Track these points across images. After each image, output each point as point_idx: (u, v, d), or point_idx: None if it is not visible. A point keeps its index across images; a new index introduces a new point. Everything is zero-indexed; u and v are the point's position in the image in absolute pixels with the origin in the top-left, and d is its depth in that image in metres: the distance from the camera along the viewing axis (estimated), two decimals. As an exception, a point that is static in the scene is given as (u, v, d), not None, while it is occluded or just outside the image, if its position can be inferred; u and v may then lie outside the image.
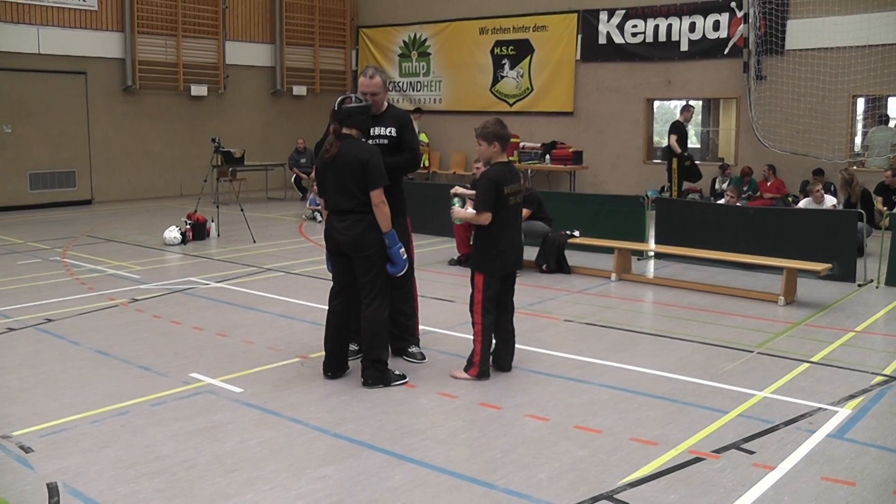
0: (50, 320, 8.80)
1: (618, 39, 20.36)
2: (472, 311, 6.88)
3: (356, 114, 6.55)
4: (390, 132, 7.07)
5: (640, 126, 20.49)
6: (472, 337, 6.89)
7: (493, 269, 6.78)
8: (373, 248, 6.55)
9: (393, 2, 24.44)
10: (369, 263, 6.57)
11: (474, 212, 6.82)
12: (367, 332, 6.61)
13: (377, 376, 6.63)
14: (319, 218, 16.53)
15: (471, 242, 7.37)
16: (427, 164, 21.62)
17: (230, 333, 8.29)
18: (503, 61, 22.44)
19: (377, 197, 6.50)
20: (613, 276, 11.12)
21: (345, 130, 6.53)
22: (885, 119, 17.79)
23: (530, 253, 11.62)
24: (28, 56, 18.75)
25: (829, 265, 10.00)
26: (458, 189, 10.43)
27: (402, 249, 6.69)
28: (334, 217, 6.60)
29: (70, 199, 19.66)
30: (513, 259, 6.85)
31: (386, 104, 7.21)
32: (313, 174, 7.37)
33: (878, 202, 14.73)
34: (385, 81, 7.12)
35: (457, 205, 6.88)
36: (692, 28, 19.27)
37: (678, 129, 17.50)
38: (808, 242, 10.88)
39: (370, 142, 6.85)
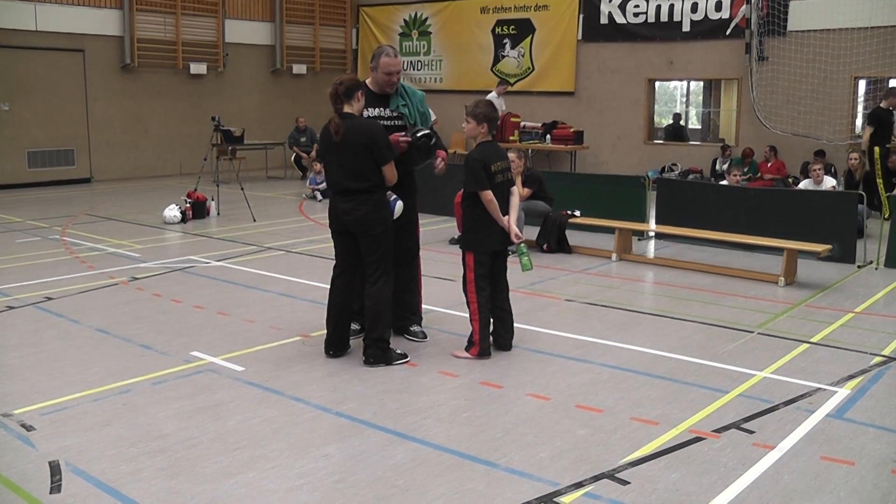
0: (50, 299, 8.80)
1: (619, 19, 20.28)
2: (465, 290, 6.89)
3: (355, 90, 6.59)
4: (398, 114, 7.09)
5: (641, 106, 20.44)
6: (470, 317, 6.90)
7: (483, 247, 6.78)
8: (379, 227, 6.55)
9: (393, -20, 24.38)
10: (376, 243, 6.57)
11: (515, 219, 6.87)
12: (371, 310, 6.61)
13: (379, 355, 6.64)
14: (320, 197, 16.53)
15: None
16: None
17: (231, 312, 8.30)
18: (504, 41, 22.37)
19: (389, 170, 6.58)
20: (614, 256, 11.12)
21: (346, 109, 6.52)
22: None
23: (531, 232, 11.62)
24: (25, 33, 18.66)
25: (830, 246, 9.99)
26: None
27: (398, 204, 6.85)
28: (339, 197, 6.59)
29: (69, 177, 19.63)
30: (501, 236, 6.83)
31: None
32: (314, 153, 7.36)
33: (879, 185, 14.65)
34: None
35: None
36: (694, 8, 19.20)
37: (876, 118, 14.65)
38: (809, 223, 10.87)
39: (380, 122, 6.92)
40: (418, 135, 6.92)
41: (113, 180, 20.30)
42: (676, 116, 23.39)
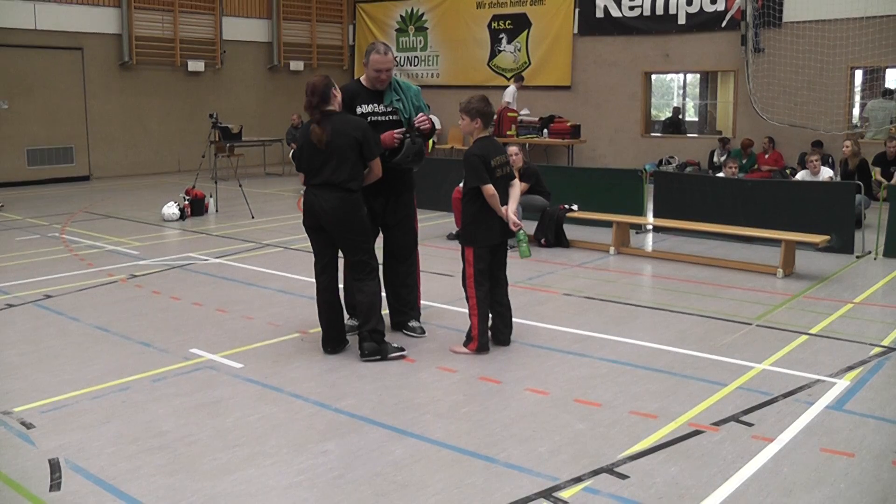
0: (49, 296, 8.80)
1: (615, 13, 20.27)
2: (464, 285, 6.89)
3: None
4: (392, 109, 7.09)
5: (638, 100, 20.44)
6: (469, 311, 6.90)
7: (482, 241, 6.79)
8: (357, 227, 6.58)
9: (390, -24, 24.36)
10: (354, 244, 6.61)
11: (514, 209, 6.87)
12: (365, 305, 6.62)
13: (374, 348, 6.64)
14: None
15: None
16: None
17: (230, 309, 8.30)
18: (500, 35, 22.36)
19: (377, 165, 6.67)
20: (612, 249, 11.12)
21: (329, 108, 6.55)
22: (886, 92, 17.69)
23: (529, 227, 11.60)
24: (24, 32, 18.68)
25: (828, 237, 9.99)
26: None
27: None
28: (319, 191, 6.52)
29: (68, 175, 19.66)
30: (501, 230, 6.84)
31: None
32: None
33: (875, 173, 14.64)
34: (395, 58, 7.13)
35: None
36: (689, 1, 19.20)
37: None
38: (807, 214, 10.87)
39: (374, 118, 6.95)
40: (417, 138, 6.91)
41: (112, 178, 20.30)
42: (676, 110, 23.39)
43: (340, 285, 6.95)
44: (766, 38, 18.22)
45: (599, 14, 20.52)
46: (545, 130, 20.01)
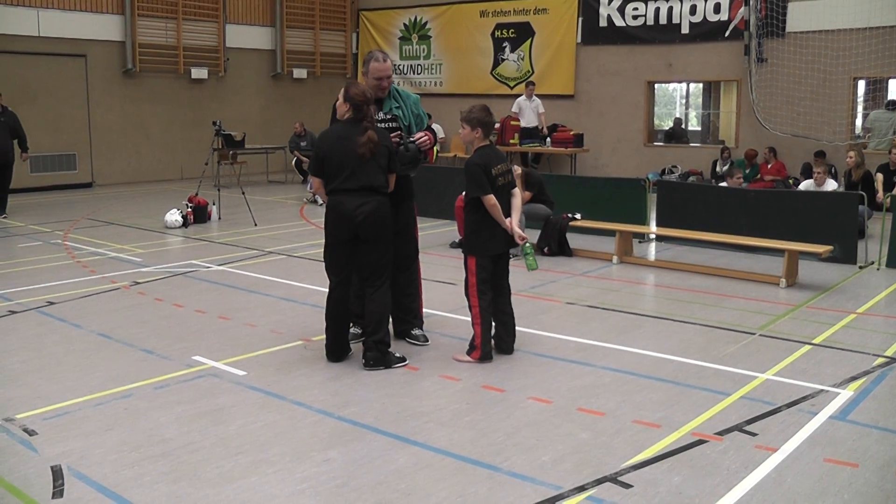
0: (52, 303, 8.80)
1: (618, 22, 20.29)
2: (467, 294, 6.89)
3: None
4: (392, 116, 7.11)
5: (641, 109, 20.45)
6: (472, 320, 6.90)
7: (485, 250, 6.79)
8: (389, 230, 6.68)
9: (393, -16, 24.40)
10: (383, 248, 6.65)
11: (517, 221, 6.89)
12: (375, 314, 6.62)
13: (379, 358, 6.64)
14: (320, 201, 16.48)
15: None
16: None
17: (232, 316, 8.30)
18: (504, 44, 22.39)
19: (394, 179, 6.80)
20: (615, 258, 11.12)
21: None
22: (890, 104, 17.65)
23: (532, 236, 11.61)
24: (28, 39, 18.72)
25: (831, 247, 9.98)
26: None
27: None
28: (351, 196, 6.51)
29: (71, 182, 19.68)
30: (504, 239, 6.84)
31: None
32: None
33: (877, 180, 14.46)
34: (393, 65, 7.17)
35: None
36: (693, 10, 19.20)
37: None
38: (810, 225, 10.87)
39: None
40: (410, 144, 6.93)
41: (114, 185, 20.32)
42: (677, 121, 23.39)
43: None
44: (769, 48, 18.24)
45: (603, 23, 20.54)
46: (548, 139, 20.02)
